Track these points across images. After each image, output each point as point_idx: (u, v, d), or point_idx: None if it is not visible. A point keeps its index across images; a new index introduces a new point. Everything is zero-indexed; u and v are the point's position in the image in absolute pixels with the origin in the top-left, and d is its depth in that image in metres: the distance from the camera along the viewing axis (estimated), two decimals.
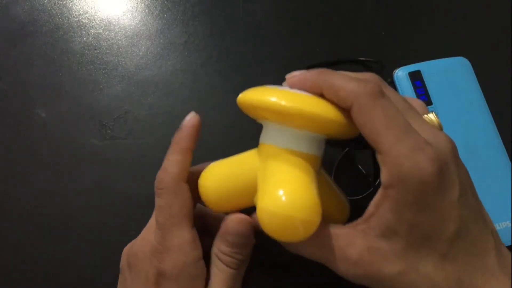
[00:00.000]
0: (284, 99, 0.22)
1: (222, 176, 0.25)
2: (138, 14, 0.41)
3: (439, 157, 0.20)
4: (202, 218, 0.29)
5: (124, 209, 0.34)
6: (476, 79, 0.36)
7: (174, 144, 0.26)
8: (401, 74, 0.36)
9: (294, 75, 0.24)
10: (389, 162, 0.20)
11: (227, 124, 0.37)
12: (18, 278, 0.33)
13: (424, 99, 0.35)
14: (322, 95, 0.23)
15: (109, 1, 0.41)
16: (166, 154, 0.26)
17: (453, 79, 0.36)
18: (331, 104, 0.22)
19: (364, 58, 0.38)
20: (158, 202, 0.25)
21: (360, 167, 0.35)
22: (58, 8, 0.41)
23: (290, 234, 0.21)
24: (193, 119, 0.26)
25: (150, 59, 0.39)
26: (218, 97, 0.38)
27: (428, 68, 0.36)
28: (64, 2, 0.41)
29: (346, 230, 0.22)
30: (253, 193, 0.24)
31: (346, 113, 0.22)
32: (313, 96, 0.23)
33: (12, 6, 0.41)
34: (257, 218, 0.26)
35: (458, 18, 0.41)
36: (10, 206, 0.35)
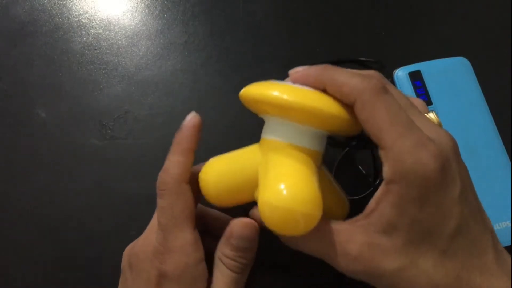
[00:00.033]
0: (286, 93, 0.22)
1: (223, 170, 0.25)
2: (138, 14, 0.41)
3: (442, 153, 0.20)
4: (203, 218, 0.29)
5: (124, 209, 0.34)
6: (476, 79, 0.36)
7: (175, 144, 0.26)
8: (401, 74, 0.36)
9: (297, 71, 0.24)
10: (391, 158, 0.20)
11: (227, 124, 0.37)
12: (18, 278, 0.33)
13: (424, 99, 0.35)
14: (325, 91, 0.23)
15: (109, 1, 0.41)
16: (168, 154, 0.26)
17: (453, 79, 0.36)
18: (334, 99, 0.22)
19: (364, 58, 0.38)
20: (160, 203, 0.25)
21: (360, 168, 0.35)
22: (58, 8, 0.41)
23: (291, 227, 0.20)
24: (193, 119, 0.26)
25: (150, 59, 0.39)
26: (218, 97, 0.38)
27: (428, 68, 0.36)
28: (64, 2, 0.41)
29: (346, 226, 0.22)
30: (253, 187, 0.24)
31: (349, 109, 0.22)
32: (316, 91, 0.23)
33: (12, 6, 0.41)
34: (255, 214, 0.26)
35: (458, 18, 0.41)
36: (10, 206, 0.35)
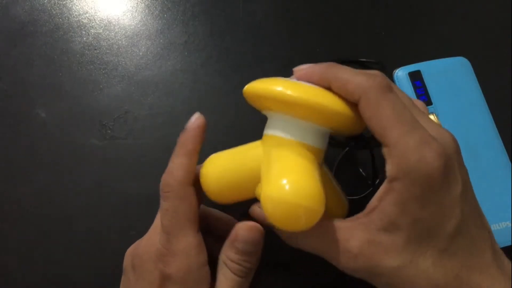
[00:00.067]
0: (291, 89, 0.22)
1: (225, 165, 0.25)
2: (138, 14, 0.41)
3: (445, 152, 0.20)
4: (206, 219, 0.28)
5: (124, 209, 0.34)
6: (476, 79, 0.36)
7: (179, 146, 0.25)
8: (401, 74, 0.36)
9: (302, 68, 0.24)
10: (395, 155, 0.20)
11: (227, 124, 0.37)
12: (18, 278, 0.33)
13: (424, 99, 0.35)
14: (329, 89, 0.23)
15: (109, 1, 0.41)
16: (171, 156, 0.25)
17: (453, 79, 0.36)
18: (338, 97, 0.23)
19: (364, 58, 0.38)
20: (164, 205, 0.24)
21: (360, 170, 0.35)
22: (58, 8, 0.41)
23: (294, 222, 0.20)
24: (198, 120, 0.25)
25: (150, 59, 0.39)
26: (218, 97, 0.38)
27: (428, 68, 0.36)
28: (64, 2, 0.41)
29: (347, 224, 0.22)
30: (255, 183, 0.24)
31: (352, 107, 0.23)
32: (320, 88, 0.23)
33: (12, 6, 0.41)
34: (255, 210, 0.26)
35: (458, 18, 0.41)
36: (10, 206, 0.35)
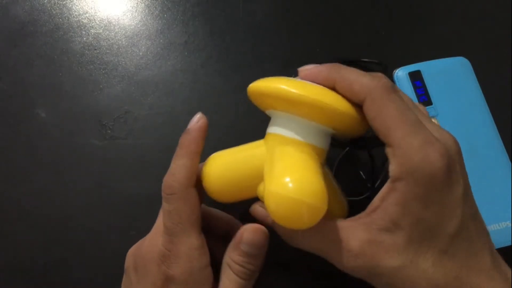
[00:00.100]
0: (295, 88, 0.22)
1: (227, 164, 0.25)
2: (138, 14, 0.41)
3: (448, 153, 0.21)
4: (206, 218, 0.28)
5: (124, 209, 0.34)
6: (476, 79, 0.36)
7: (182, 147, 0.25)
8: (401, 74, 0.36)
9: (307, 68, 0.24)
10: (399, 155, 0.21)
11: (227, 124, 0.37)
12: (18, 278, 0.33)
13: (424, 99, 0.35)
14: (333, 89, 0.23)
15: (109, 1, 0.41)
16: (173, 157, 0.25)
17: (453, 79, 0.36)
18: (342, 97, 0.23)
19: (364, 58, 0.38)
20: (167, 207, 0.24)
21: (360, 172, 0.35)
22: (58, 8, 0.41)
23: (297, 219, 0.20)
24: (201, 121, 0.25)
25: (150, 59, 0.39)
26: (218, 97, 0.38)
27: (428, 68, 0.36)
28: (64, 2, 0.41)
29: (348, 223, 0.22)
30: (257, 182, 0.24)
31: (356, 108, 0.23)
32: (324, 88, 0.23)
33: (12, 6, 0.41)
34: (256, 209, 0.26)
35: (458, 18, 0.41)
36: (10, 206, 0.35)
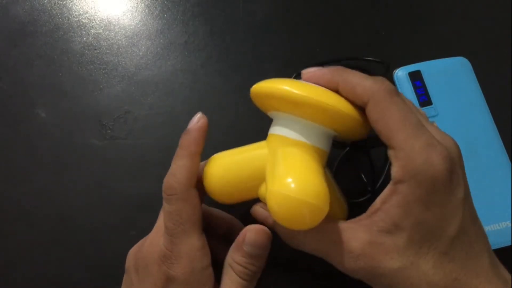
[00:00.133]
0: (298, 89, 0.22)
1: (229, 165, 0.25)
2: (138, 14, 0.41)
3: (450, 155, 0.21)
4: (207, 218, 0.28)
5: (124, 209, 0.34)
6: (476, 79, 0.36)
7: (182, 148, 0.25)
8: (401, 74, 0.36)
9: (310, 71, 0.24)
10: (402, 158, 0.21)
11: (227, 124, 0.37)
12: (18, 278, 0.33)
13: (424, 99, 0.35)
14: (336, 91, 0.23)
15: (109, 1, 0.41)
16: (174, 157, 0.25)
17: (453, 79, 0.36)
18: (345, 99, 0.23)
19: (363, 58, 0.38)
20: (167, 208, 0.24)
21: (362, 175, 0.35)
22: (58, 8, 0.41)
23: (299, 220, 0.20)
24: (201, 121, 0.25)
25: (150, 59, 0.39)
26: (218, 97, 0.38)
27: (428, 68, 0.36)
28: (64, 2, 0.41)
29: (349, 225, 0.22)
30: (258, 183, 0.24)
31: (358, 110, 0.23)
32: (327, 90, 0.23)
33: (12, 6, 0.41)
34: (257, 210, 0.26)
35: (458, 18, 0.41)
36: (10, 206, 0.35)
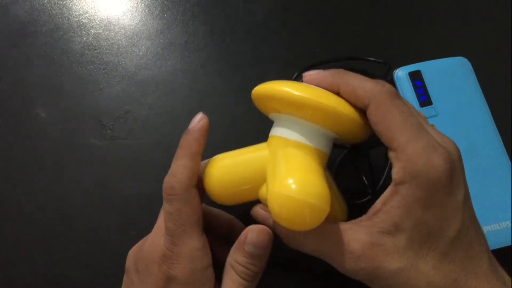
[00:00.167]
0: (300, 90, 0.22)
1: (230, 166, 0.25)
2: (138, 14, 0.41)
3: (451, 157, 0.21)
4: (207, 218, 0.28)
5: (124, 209, 0.34)
6: (476, 79, 0.36)
7: (183, 148, 0.25)
8: (401, 74, 0.36)
9: (311, 73, 0.24)
10: (403, 159, 0.21)
11: (227, 124, 0.37)
12: (18, 278, 0.33)
13: (424, 99, 0.35)
14: (337, 94, 0.23)
15: (109, 1, 0.41)
16: (174, 158, 0.25)
17: (453, 79, 0.36)
18: (346, 102, 0.23)
19: (364, 58, 0.38)
20: (168, 208, 0.24)
21: (360, 173, 0.35)
22: (58, 8, 0.41)
23: (300, 220, 0.21)
24: (202, 121, 0.25)
25: (150, 59, 0.39)
26: (218, 97, 0.38)
27: (428, 68, 0.36)
28: (64, 2, 0.41)
29: (350, 226, 0.22)
30: (259, 184, 0.24)
31: (359, 113, 0.23)
32: (329, 92, 0.23)
33: (12, 6, 0.41)
34: (257, 211, 0.26)
35: (458, 18, 0.41)
36: (10, 206, 0.35)
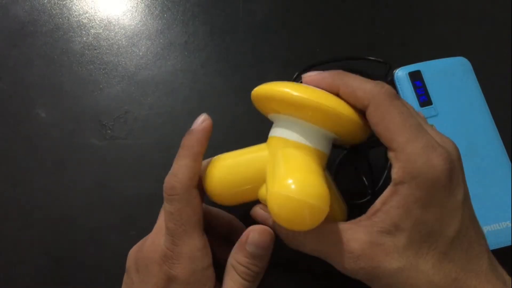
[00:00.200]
0: (299, 91, 0.23)
1: (230, 167, 0.25)
2: (138, 14, 0.41)
3: (450, 157, 0.21)
4: (207, 218, 0.28)
5: (124, 209, 0.34)
6: (476, 79, 0.36)
7: (185, 148, 0.25)
8: (401, 74, 0.36)
9: (311, 74, 0.25)
10: (402, 159, 0.21)
11: (227, 124, 0.37)
12: (18, 278, 0.33)
13: (424, 99, 0.35)
14: (337, 95, 0.24)
15: (109, 1, 0.41)
16: (176, 157, 0.25)
17: (453, 79, 0.36)
18: (346, 102, 0.23)
19: (365, 58, 0.38)
20: (168, 208, 0.24)
21: (359, 173, 0.35)
22: (58, 8, 0.41)
23: (299, 220, 0.21)
24: (205, 122, 0.25)
25: (150, 59, 0.39)
26: (218, 97, 0.38)
27: (428, 68, 0.36)
28: (64, 2, 0.41)
29: (349, 226, 0.22)
30: (259, 185, 0.24)
31: (358, 113, 0.23)
32: (328, 93, 0.23)
33: (12, 6, 0.41)
34: (257, 211, 0.26)
35: (458, 18, 0.41)
36: (10, 206, 0.35)
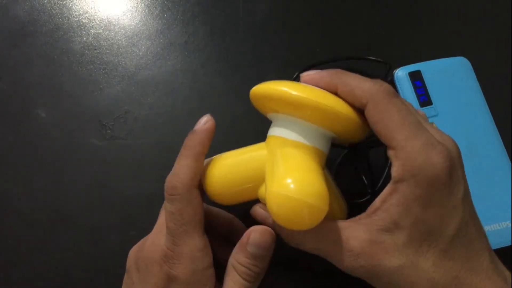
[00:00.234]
0: (298, 90, 0.23)
1: (229, 166, 0.25)
2: (138, 14, 0.41)
3: (450, 155, 0.21)
4: (207, 217, 0.28)
5: (124, 209, 0.34)
6: (476, 79, 0.36)
7: (187, 148, 0.25)
8: (401, 74, 0.36)
9: (309, 73, 0.25)
10: (402, 157, 0.21)
11: (227, 124, 0.37)
12: (18, 278, 0.33)
13: (424, 99, 0.35)
14: (335, 94, 0.24)
15: (109, 1, 0.41)
16: (178, 157, 0.25)
17: (453, 79, 0.36)
18: (344, 101, 0.23)
19: (365, 57, 0.38)
20: (169, 208, 0.24)
21: (360, 173, 0.35)
22: (58, 8, 0.41)
23: (298, 220, 0.21)
24: (208, 123, 0.26)
25: (150, 59, 0.39)
26: (218, 97, 0.38)
27: (428, 68, 0.36)
28: (64, 2, 0.41)
29: (349, 224, 0.22)
30: (258, 184, 0.24)
31: (357, 112, 0.23)
32: (327, 92, 0.23)
33: (12, 6, 0.41)
34: (257, 211, 0.26)
35: (458, 18, 0.41)
36: (10, 206, 0.35)
